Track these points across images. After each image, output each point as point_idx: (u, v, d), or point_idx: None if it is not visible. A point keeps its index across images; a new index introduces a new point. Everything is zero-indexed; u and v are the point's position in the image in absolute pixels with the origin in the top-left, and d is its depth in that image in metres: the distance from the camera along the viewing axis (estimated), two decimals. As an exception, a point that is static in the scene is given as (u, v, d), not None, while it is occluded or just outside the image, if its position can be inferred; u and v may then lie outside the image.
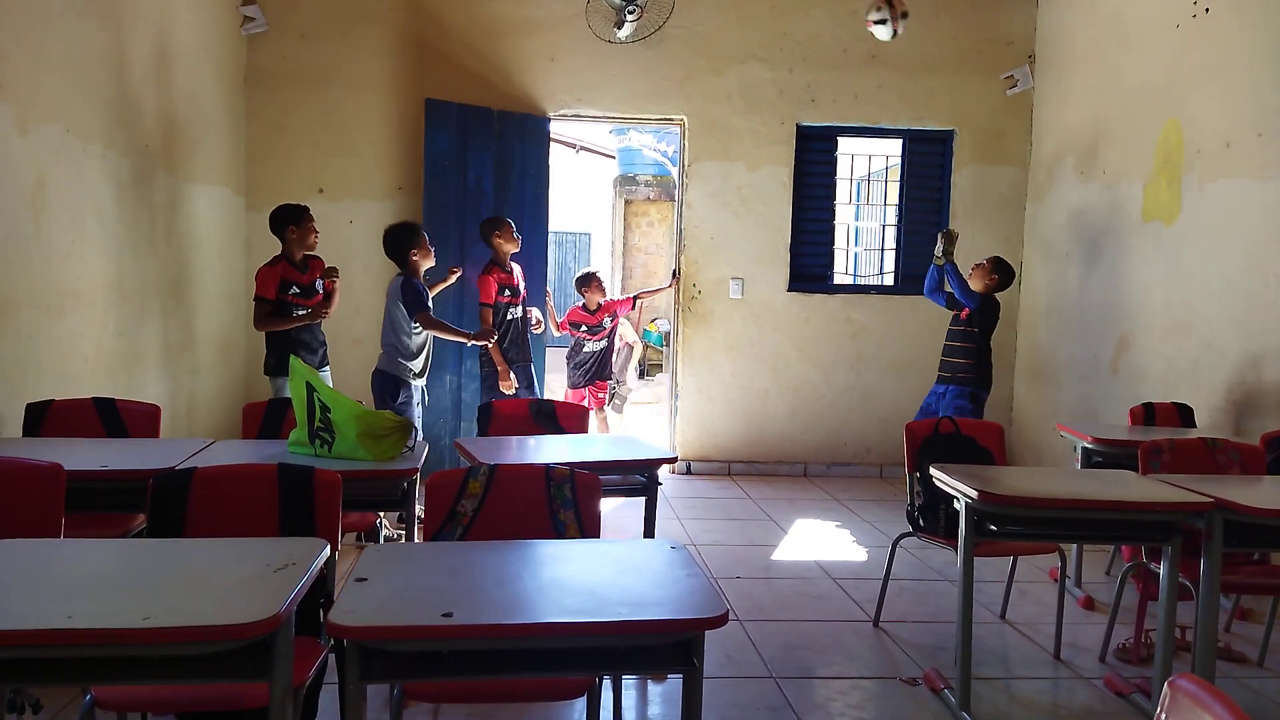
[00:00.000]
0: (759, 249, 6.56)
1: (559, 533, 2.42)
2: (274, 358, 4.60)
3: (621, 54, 6.33)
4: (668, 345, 7.39)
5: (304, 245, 4.69)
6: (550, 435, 3.74)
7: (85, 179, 4.14)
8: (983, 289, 5.27)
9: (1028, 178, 6.64)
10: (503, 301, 5.14)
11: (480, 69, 6.26)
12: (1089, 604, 4.11)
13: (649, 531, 3.33)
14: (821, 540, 5.06)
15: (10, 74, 3.57)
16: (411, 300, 4.64)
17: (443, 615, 1.70)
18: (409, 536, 3.27)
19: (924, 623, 3.86)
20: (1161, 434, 4.03)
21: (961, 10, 6.52)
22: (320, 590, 2.19)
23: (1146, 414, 4.49)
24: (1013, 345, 6.73)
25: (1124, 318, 5.43)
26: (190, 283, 5.30)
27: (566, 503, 2.44)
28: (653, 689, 3.21)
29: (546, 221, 6.39)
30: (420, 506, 2.55)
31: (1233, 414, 4.55)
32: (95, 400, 3.49)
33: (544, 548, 2.19)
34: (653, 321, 11.63)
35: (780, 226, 6.57)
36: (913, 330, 6.62)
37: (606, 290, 6.64)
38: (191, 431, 5.26)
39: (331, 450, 2.95)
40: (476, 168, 6.09)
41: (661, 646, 1.85)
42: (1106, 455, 4.04)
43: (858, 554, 4.82)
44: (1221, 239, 4.68)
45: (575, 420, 3.90)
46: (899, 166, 6.89)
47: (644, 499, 3.32)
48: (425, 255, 4.78)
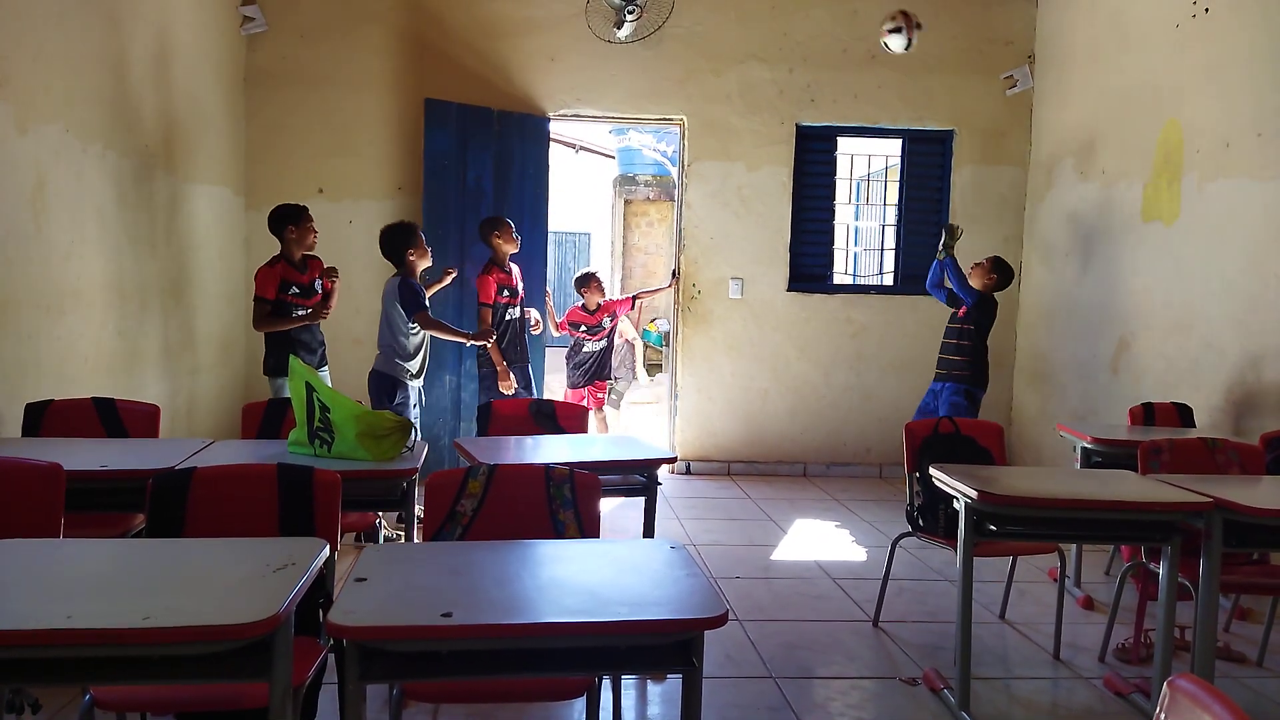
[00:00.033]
0: (759, 249, 6.56)
1: (558, 533, 2.42)
2: (273, 358, 4.59)
3: (621, 54, 6.33)
4: (667, 345, 7.38)
5: (303, 245, 4.68)
6: (550, 435, 3.74)
7: (85, 179, 4.14)
8: (981, 288, 5.31)
9: (1027, 178, 6.65)
10: (502, 302, 5.12)
11: (480, 69, 6.26)
12: (1088, 604, 4.11)
13: (648, 531, 3.33)
14: (821, 540, 5.06)
15: (10, 74, 3.57)
16: (409, 300, 4.63)
17: (442, 615, 1.70)
18: (408, 536, 3.27)
19: (923, 622, 3.86)
20: (1161, 434, 4.03)
21: (961, 10, 6.52)
22: (320, 590, 2.19)
23: (1146, 414, 4.49)
24: (1012, 345, 6.73)
25: (1124, 318, 5.43)
26: (190, 283, 5.30)
27: (566, 503, 2.44)
28: (652, 689, 3.21)
29: (546, 221, 6.39)
30: (420, 506, 2.55)
31: (1232, 414, 4.56)
32: (95, 400, 3.49)
33: (543, 548, 2.19)
34: (652, 321, 11.63)
35: (780, 226, 6.57)
36: (913, 330, 6.62)
37: (606, 290, 6.65)
38: (191, 431, 5.26)
39: (331, 450, 2.95)
40: (476, 168, 6.09)
41: (661, 646, 1.85)
42: (1106, 455, 4.04)
43: (857, 554, 4.82)
44: (1221, 239, 4.68)
45: (575, 420, 3.90)
46: (899, 166, 6.89)
47: (643, 499, 3.32)
48: (422, 255, 4.76)
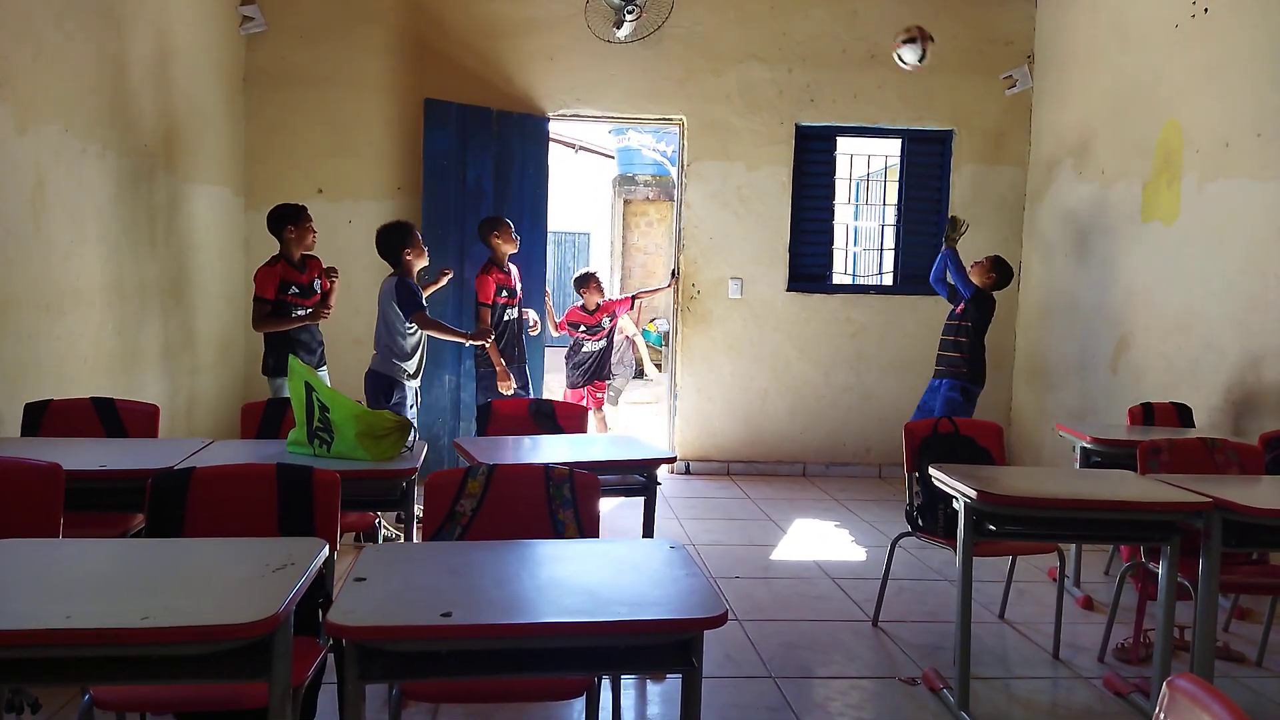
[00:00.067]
0: (758, 249, 6.56)
1: (558, 532, 2.42)
2: (273, 358, 4.59)
3: (620, 54, 6.32)
4: (667, 345, 7.38)
5: (302, 245, 4.68)
6: (549, 435, 3.74)
7: (84, 179, 4.14)
8: (980, 285, 5.35)
9: (1027, 177, 6.65)
10: (500, 302, 5.11)
11: (480, 69, 6.26)
12: (1088, 604, 4.11)
13: (648, 531, 3.33)
14: (821, 540, 5.06)
15: (10, 74, 3.57)
16: (406, 300, 4.62)
17: (441, 615, 1.70)
18: (408, 536, 3.27)
19: (923, 622, 3.86)
20: (1160, 434, 4.04)
21: (961, 10, 6.52)
22: (319, 590, 2.19)
23: (1145, 414, 4.49)
24: (1012, 345, 6.73)
25: (1123, 318, 5.44)
26: (190, 283, 5.30)
27: (565, 502, 2.44)
28: (652, 689, 3.21)
29: (546, 221, 6.39)
30: (419, 506, 2.55)
31: (1231, 414, 4.56)
32: (94, 400, 3.49)
33: (543, 547, 2.19)
34: (652, 321, 11.62)
35: (779, 226, 6.57)
36: (912, 330, 6.62)
37: (605, 290, 6.65)
38: (190, 431, 5.26)
39: (330, 450, 2.95)
40: (476, 168, 6.09)
41: (660, 646, 1.84)
42: (1105, 455, 4.04)
43: (857, 554, 4.82)
44: (1221, 239, 4.68)
45: (574, 420, 3.90)
46: (898, 166, 6.89)
47: (643, 499, 3.32)
48: (418, 254, 4.75)
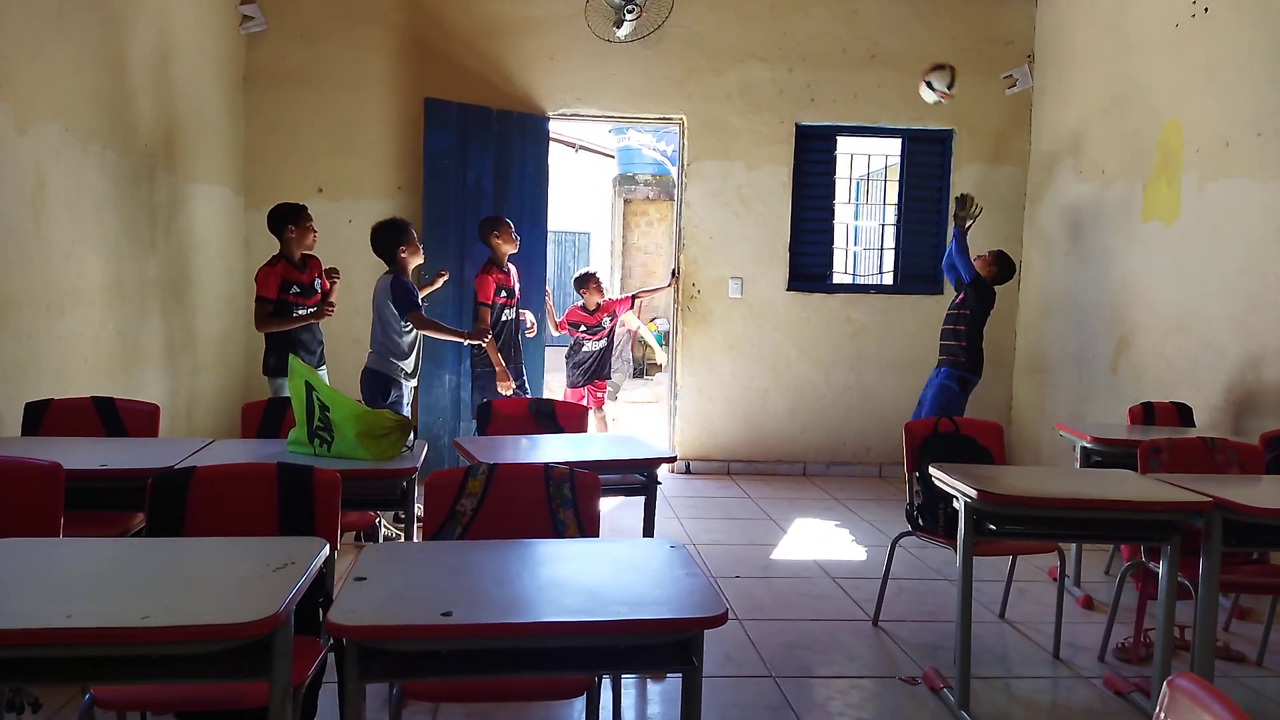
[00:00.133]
0: (758, 248, 6.56)
1: (558, 532, 2.42)
2: (273, 358, 4.58)
3: (621, 53, 6.32)
4: (666, 345, 7.38)
5: (303, 244, 4.68)
6: (549, 434, 3.74)
7: (84, 178, 4.14)
8: (982, 276, 5.37)
9: (1027, 177, 6.64)
10: (499, 302, 5.11)
11: (480, 68, 6.26)
12: (1088, 603, 4.11)
13: (648, 531, 3.33)
14: (821, 539, 5.06)
15: (9, 73, 3.57)
16: (402, 299, 4.61)
17: (442, 614, 1.70)
18: (408, 536, 3.27)
19: (923, 622, 3.86)
20: (1161, 433, 4.03)
21: (961, 10, 6.52)
22: (319, 589, 2.19)
23: (1146, 413, 4.49)
24: (1012, 345, 6.73)
25: (1123, 317, 5.43)
26: (190, 283, 5.30)
27: (566, 502, 2.44)
28: (652, 688, 3.21)
29: (546, 221, 6.39)
30: (419, 506, 2.55)
31: (1232, 414, 4.55)
32: (94, 399, 3.49)
33: (543, 547, 2.19)
34: (652, 321, 11.62)
35: (780, 226, 6.56)
36: (912, 330, 6.62)
37: (605, 290, 6.65)
38: (191, 431, 5.26)
39: (330, 449, 2.95)
40: (476, 167, 6.09)
41: (661, 646, 1.84)
42: (1105, 455, 4.04)
43: (857, 553, 4.82)
44: (1221, 239, 4.68)
45: (574, 420, 3.90)
46: (898, 166, 6.89)
47: (643, 498, 3.32)
48: (414, 252, 4.75)
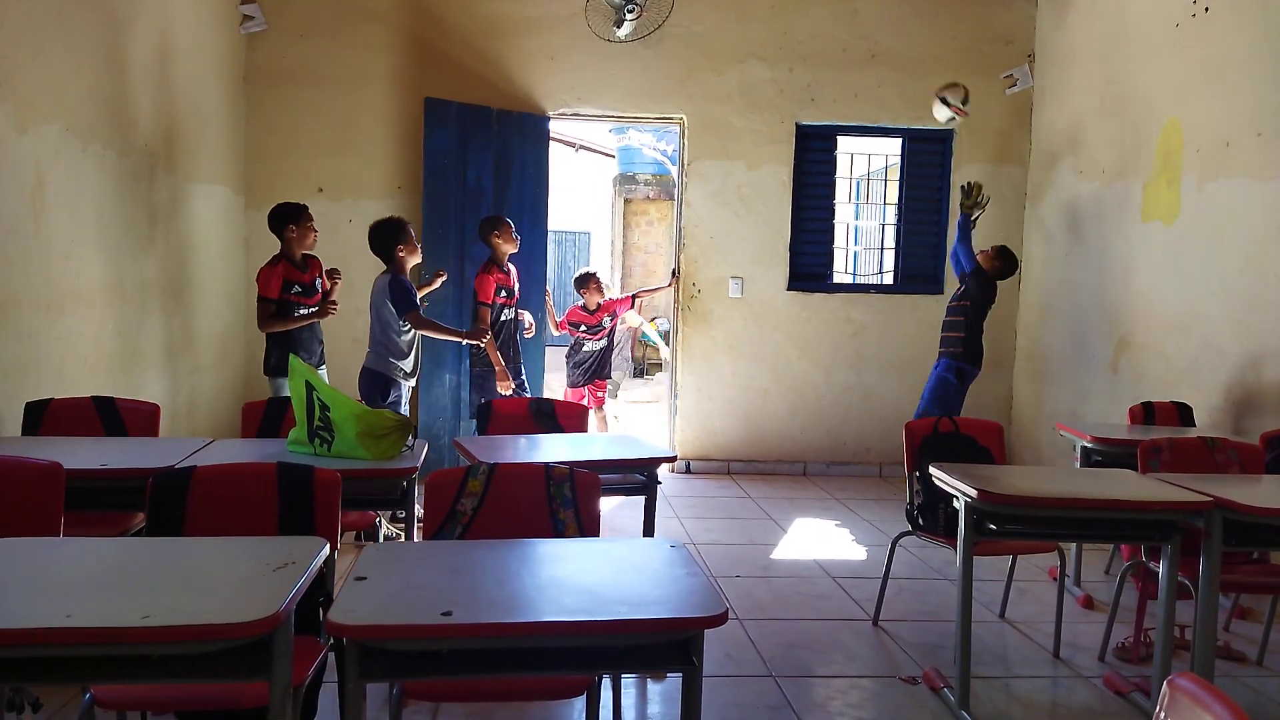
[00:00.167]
0: (758, 248, 6.55)
1: (558, 532, 2.42)
2: (274, 357, 4.58)
3: (621, 53, 6.32)
4: (666, 344, 7.38)
5: (304, 244, 4.68)
6: (549, 434, 3.74)
7: (84, 178, 4.14)
8: (983, 268, 5.44)
9: (1027, 177, 6.64)
10: (499, 302, 5.11)
11: (480, 68, 6.26)
12: (1088, 603, 4.11)
13: (648, 530, 3.33)
14: (821, 539, 5.06)
15: (9, 73, 3.56)
16: (401, 299, 4.60)
17: (442, 614, 1.70)
18: (408, 535, 3.27)
19: (923, 621, 3.86)
20: (1161, 433, 4.03)
21: (961, 9, 6.52)
22: (320, 589, 2.19)
23: (1146, 413, 4.49)
24: (1012, 345, 6.73)
25: (1124, 317, 5.43)
26: (190, 282, 5.30)
27: (566, 502, 2.44)
28: (652, 688, 3.21)
29: (546, 220, 6.39)
30: (420, 505, 2.55)
31: (1232, 413, 4.55)
32: (94, 399, 3.49)
33: (543, 547, 2.19)
34: (653, 320, 11.63)
35: (780, 226, 6.56)
36: (913, 330, 6.62)
37: (606, 290, 6.65)
38: (191, 431, 5.26)
39: (331, 449, 2.95)
40: (476, 167, 6.08)
41: (661, 645, 1.84)
42: (1106, 454, 4.04)
43: (857, 553, 4.82)
44: (1221, 239, 4.68)
45: (574, 419, 3.90)
46: (899, 165, 6.89)
47: (643, 498, 3.32)
48: (411, 251, 4.73)
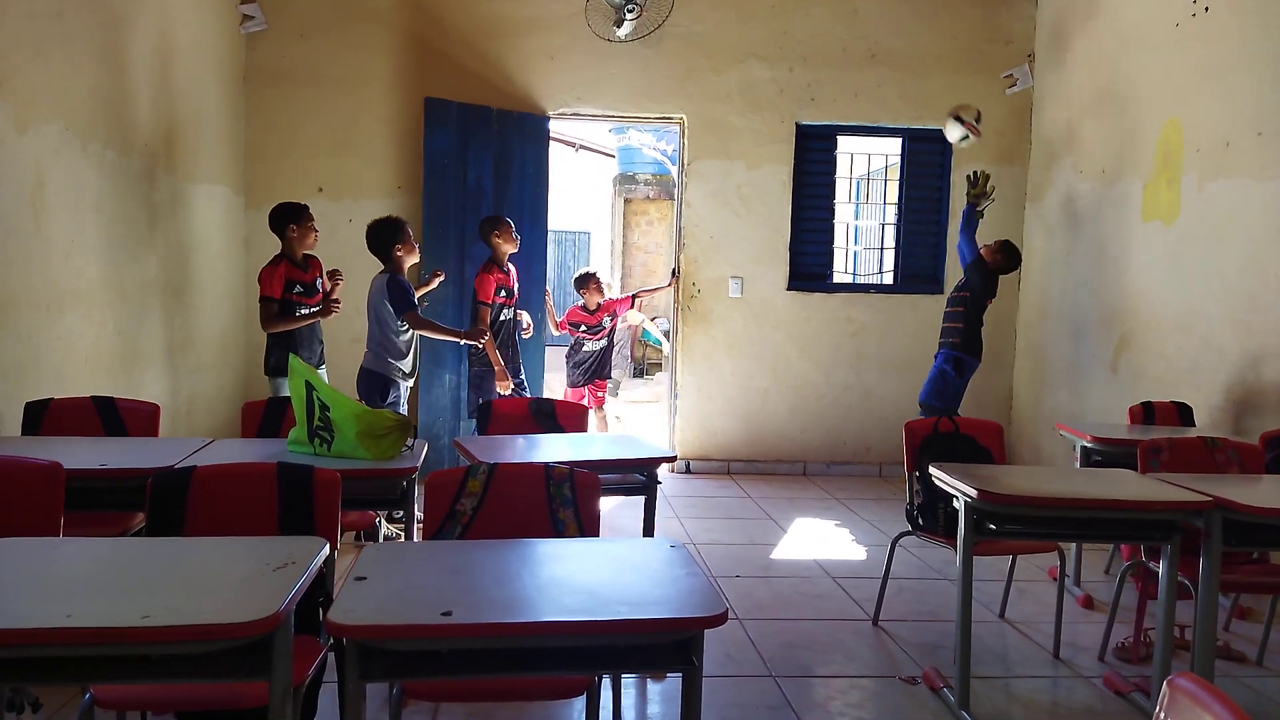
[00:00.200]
0: (758, 248, 6.55)
1: (558, 532, 2.42)
2: (274, 357, 4.57)
3: (621, 53, 6.32)
4: (666, 344, 7.38)
5: (304, 244, 4.68)
6: (549, 434, 3.74)
7: (84, 178, 4.14)
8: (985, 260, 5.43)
9: (1027, 177, 6.64)
10: (499, 302, 5.10)
11: (480, 68, 6.26)
12: (1088, 603, 4.11)
13: (648, 530, 3.33)
14: (821, 539, 5.06)
15: (9, 72, 3.56)
16: (399, 298, 4.59)
17: (442, 614, 1.70)
18: (408, 535, 3.27)
19: (923, 621, 3.86)
20: (1161, 433, 4.03)
21: (961, 9, 6.52)
22: (319, 589, 2.19)
23: (1146, 413, 4.49)
24: (1012, 344, 6.73)
25: (1123, 317, 5.43)
26: (190, 282, 5.30)
27: (566, 501, 2.44)
28: (652, 688, 3.21)
29: (546, 220, 6.39)
30: (419, 505, 2.55)
31: (1232, 413, 4.55)
32: (94, 399, 3.49)
33: (543, 546, 2.19)
34: (653, 319, 11.63)
35: (780, 225, 6.56)
36: (913, 329, 6.62)
37: (606, 290, 6.64)
38: (191, 430, 5.26)
39: (331, 449, 2.95)
40: (476, 167, 6.08)
41: (661, 645, 1.84)
42: (1106, 454, 4.04)
43: (857, 553, 4.82)
44: (1221, 239, 4.68)
45: (574, 419, 3.90)
46: (899, 165, 6.89)
47: (643, 498, 3.32)
48: (409, 251, 4.72)
